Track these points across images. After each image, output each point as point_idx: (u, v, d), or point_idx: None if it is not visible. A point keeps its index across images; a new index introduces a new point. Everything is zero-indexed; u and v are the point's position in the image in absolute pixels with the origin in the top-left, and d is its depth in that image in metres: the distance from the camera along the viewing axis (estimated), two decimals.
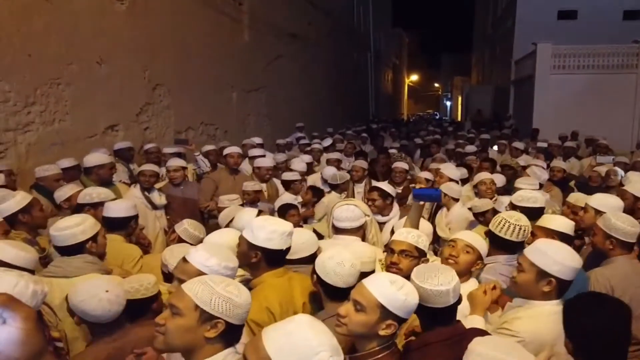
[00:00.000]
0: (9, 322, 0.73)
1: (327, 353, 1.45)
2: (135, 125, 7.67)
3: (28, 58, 5.68)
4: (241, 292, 1.75)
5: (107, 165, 5.09)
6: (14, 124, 5.56)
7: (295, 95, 14.82)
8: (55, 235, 2.94)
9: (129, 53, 7.44)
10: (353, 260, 2.48)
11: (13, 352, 0.72)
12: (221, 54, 10.31)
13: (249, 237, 2.59)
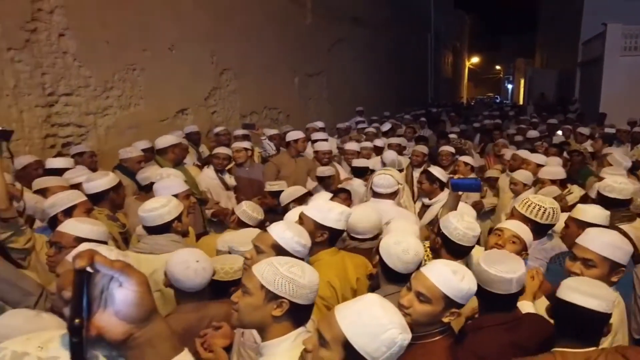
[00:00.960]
0: (125, 286, 0.80)
1: (396, 330, 1.49)
2: (204, 109, 7.87)
3: (107, 45, 5.92)
4: (305, 273, 1.79)
5: (181, 145, 5.24)
6: (94, 107, 5.83)
7: (355, 79, 14.73)
8: (144, 216, 3.08)
9: (198, 40, 7.62)
10: (418, 248, 2.49)
11: (128, 312, 0.80)
12: (285, 38, 10.36)
13: (318, 217, 2.69)
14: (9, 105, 4.83)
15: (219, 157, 5.43)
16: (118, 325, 0.80)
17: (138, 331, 0.81)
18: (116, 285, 0.80)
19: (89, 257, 0.78)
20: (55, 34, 5.28)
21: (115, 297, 0.80)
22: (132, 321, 0.81)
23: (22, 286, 2.43)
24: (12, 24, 4.83)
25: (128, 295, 0.80)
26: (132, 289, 0.80)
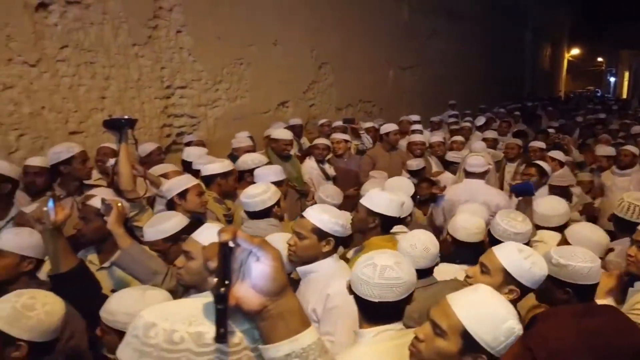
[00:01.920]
0: (262, 260, 0.83)
1: (514, 321, 1.53)
2: (302, 102, 8.01)
3: (218, 41, 6.17)
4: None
5: (288, 139, 5.37)
6: (205, 100, 6.11)
7: (449, 73, 14.34)
8: (247, 202, 3.23)
9: (300, 34, 7.75)
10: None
11: (264, 285, 0.83)
12: (381, 32, 10.28)
13: (368, 204, 2.85)
14: (132, 97, 5.17)
15: (318, 147, 5.57)
16: (254, 297, 0.84)
17: (271, 304, 0.85)
18: (254, 259, 0.84)
19: (233, 232, 0.82)
20: (174, 31, 5.58)
21: (252, 271, 0.84)
22: (266, 294, 0.84)
23: (150, 265, 2.58)
24: (136, 22, 5.15)
25: (265, 270, 0.83)
26: (269, 264, 0.84)
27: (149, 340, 0.86)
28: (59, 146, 3.83)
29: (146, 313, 0.90)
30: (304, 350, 0.85)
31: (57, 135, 4.46)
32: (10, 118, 4.15)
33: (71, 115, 4.60)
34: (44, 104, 4.37)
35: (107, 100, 4.91)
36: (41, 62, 4.32)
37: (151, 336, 0.86)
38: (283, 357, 0.85)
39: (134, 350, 0.86)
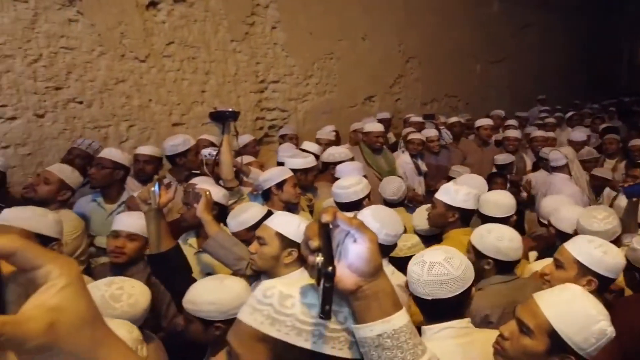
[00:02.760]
0: (359, 242, 0.84)
1: (606, 322, 1.46)
2: (388, 96, 7.94)
3: (309, 36, 6.25)
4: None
5: (379, 132, 5.36)
6: (295, 94, 6.22)
7: (538, 66, 13.67)
8: (339, 192, 3.26)
9: (389, 28, 7.67)
10: None
11: (360, 266, 0.84)
12: (469, 25, 9.97)
13: (446, 199, 2.89)
14: (229, 91, 5.36)
15: (414, 142, 5.53)
16: (350, 277, 0.85)
17: (366, 284, 0.85)
18: (351, 240, 0.85)
19: (333, 213, 0.84)
20: (269, 27, 5.71)
21: (349, 251, 0.85)
22: (362, 274, 0.85)
23: (236, 251, 2.66)
24: (235, 19, 5.32)
25: (361, 251, 0.84)
26: (365, 246, 0.84)
27: (285, 310, 0.90)
28: (176, 139, 4.01)
29: (279, 285, 0.94)
30: (396, 332, 0.86)
31: (162, 126, 4.70)
32: (122, 110, 4.43)
33: (174, 108, 4.84)
34: (151, 97, 4.63)
35: (207, 93, 5.11)
36: (150, 58, 4.57)
37: (287, 306, 0.90)
38: (375, 337, 0.85)
39: (266, 317, 0.90)
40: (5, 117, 3.72)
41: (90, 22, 4.13)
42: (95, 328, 0.49)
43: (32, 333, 0.45)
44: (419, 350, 0.87)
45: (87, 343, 0.48)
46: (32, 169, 3.89)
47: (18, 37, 3.74)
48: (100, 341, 0.50)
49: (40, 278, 0.48)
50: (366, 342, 0.86)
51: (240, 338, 0.92)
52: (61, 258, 0.50)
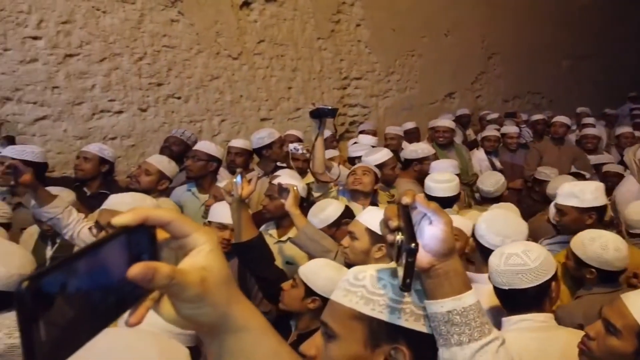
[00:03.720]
0: (434, 224, 0.89)
1: None
2: (469, 93, 7.76)
3: (392, 33, 6.21)
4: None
5: (445, 127, 5.28)
6: (377, 90, 6.21)
7: (630, 62, 12.81)
8: (435, 187, 3.25)
9: (472, 24, 7.49)
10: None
11: (435, 246, 0.88)
12: (555, 21, 9.50)
13: (576, 203, 2.70)
14: (314, 88, 5.44)
15: (490, 139, 5.40)
16: (424, 256, 0.89)
17: (439, 264, 0.89)
18: (427, 222, 0.90)
19: (413, 196, 0.89)
20: (353, 25, 5.74)
21: (425, 232, 0.89)
22: (435, 254, 0.89)
23: (323, 243, 2.71)
24: (321, 17, 5.38)
25: (436, 232, 0.88)
26: (441, 227, 0.88)
27: (378, 290, 0.97)
28: (262, 131, 4.15)
29: (369, 269, 1.02)
30: (465, 310, 0.90)
31: (251, 121, 4.86)
32: (215, 105, 4.61)
33: (263, 104, 4.98)
34: (242, 93, 4.79)
35: (293, 90, 5.22)
36: (242, 55, 4.73)
37: (379, 287, 0.97)
38: (445, 313, 0.90)
39: (360, 297, 0.97)
40: (113, 111, 3.99)
41: (190, 22, 4.33)
42: (230, 287, 0.57)
43: (191, 284, 0.52)
44: (485, 329, 0.91)
45: (225, 298, 0.56)
46: (135, 159, 4.15)
47: (126, 36, 3.99)
48: (234, 298, 0.57)
49: (189, 244, 0.55)
50: (436, 317, 0.91)
51: (337, 318, 0.98)
52: (204, 228, 0.57)
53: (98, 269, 0.47)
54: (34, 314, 0.41)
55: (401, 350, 0.94)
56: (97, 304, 0.47)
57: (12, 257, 1.77)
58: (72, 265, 0.45)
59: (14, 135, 3.44)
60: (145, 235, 0.53)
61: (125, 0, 3.96)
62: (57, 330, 0.43)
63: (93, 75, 3.84)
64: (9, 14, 3.45)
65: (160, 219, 0.53)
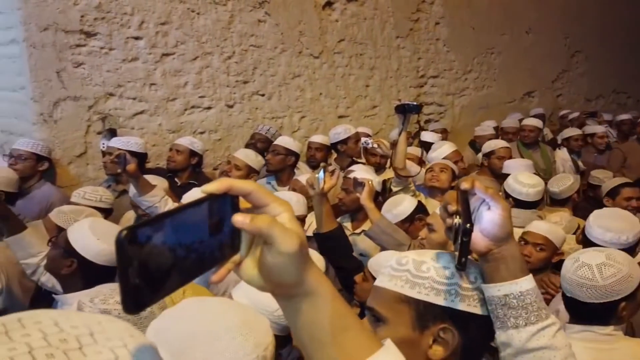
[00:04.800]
0: (492, 209, 0.91)
1: None
2: (549, 92, 7.44)
3: (472, 31, 6.07)
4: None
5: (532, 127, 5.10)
6: (453, 89, 6.10)
7: None
8: (517, 189, 3.18)
9: (555, 21, 7.17)
10: None
11: (492, 231, 0.90)
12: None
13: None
14: (390, 86, 5.43)
15: (575, 138, 5.24)
16: (482, 240, 0.91)
17: (496, 248, 0.91)
18: (485, 208, 0.92)
19: (472, 182, 0.91)
20: (432, 23, 5.66)
21: (483, 217, 0.91)
22: (493, 239, 0.91)
23: (396, 237, 2.71)
24: (401, 16, 5.35)
25: (494, 217, 0.90)
26: (498, 213, 0.90)
27: (422, 273, 0.98)
28: (339, 127, 4.22)
29: (411, 254, 1.03)
30: (522, 294, 0.91)
31: (329, 118, 4.93)
32: (295, 102, 4.72)
33: (341, 101, 5.03)
34: (321, 91, 4.86)
35: (370, 88, 5.24)
36: (322, 54, 4.80)
37: (423, 270, 0.98)
38: (502, 296, 0.91)
39: (405, 281, 0.99)
40: (202, 106, 4.18)
41: (276, 22, 4.45)
42: (307, 253, 0.60)
43: (293, 240, 0.56)
44: (542, 314, 0.91)
45: (306, 261, 0.59)
46: (221, 152, 4.33)
47: (217, 36, 4.16)
48: (309, 264, 0.60)
49: (270, 212, 0.58)
50: (493, 301, 0.93)
51: (383, 302, 1.00)
52: (280, 198, 0.60)
53: (183, 228, 0.52)
54: (130, 259, 0.48)
55: (450, 330, 0.96)
56: (181, 259, 0.52)
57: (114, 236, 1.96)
58: (162, 221, 0.51)
59: (115, 128, 3.69)
60: (229, 203, 0.57)
61: (218, 2, 4.12)
62: (147, 276, 0.49)
63: (186, 73, 4.04)
64: (114, 16, 3.69)
65: (242, 189, 0.57)
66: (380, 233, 2.75)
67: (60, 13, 3.46)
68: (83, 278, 1.87)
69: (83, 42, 3.58)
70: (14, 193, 3.01)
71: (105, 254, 1.87)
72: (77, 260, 1.88)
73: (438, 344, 0.96)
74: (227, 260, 0.57)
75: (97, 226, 1.97)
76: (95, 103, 3.67)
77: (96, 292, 1.54)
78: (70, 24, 3.51)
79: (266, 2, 4.39)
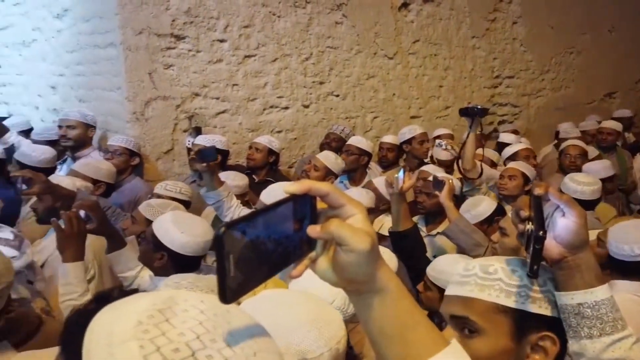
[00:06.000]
0: (567, 216, 0.87)
1: None
2: (633, 92, 7.00)
3: (551, 30, 5.82)
4: None
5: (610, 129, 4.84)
6: (529, 89, 5.88)
7: None
8: (571, 187, 3.10)
9: (639, 19, 6.72)
10: None
11: (566, 238, 0.87)
12: None
13: None
14: (464, 86, 5.30)
15: None
16: (556, 247, 0.88)
17: (570, 256, 0.88)
18: (559, 214, 0.88)
19: (546, 187, 0.88)
20: (510, 22, 5.47)
21: (557, 224, 0.88)
22: (567, 246, 0.87)
23: (474, 237, 2.64)
24: (477, 16, 5.21)
25: (569, 224, 0.87)
26: (573, 220, 0.87)
27: (490, 275, 0.96)
28: (405, 128, 4.19)
29: (475, 261, 1.02)
30: (597, 304, 0.87)
31: (401, 118, 4.88)
32: (369, 103, 4.71)
33: (413, 102, 4.97)
34: (394, 91, 4.82)
35: (443, 88, 5.14)
36: (397, 55, 4.76)
37: (491, 272, 0.96)
38: (575, 305, 0.88)
39: (474, 284, 0.97)
40: (280, 106, 4.26)
41: (352, 23, 4.46)
42: (378, 252, 0.61)
43: (365, 239, 0.57)
44: (619, 325, 0.87)
45: (376, 259, 0.61)
46: (296, 151, 4.40)
47: (296, 38, 4.22)
48: (380, 262, 0.62)
49: (343, 213, 0.59)
50: (566, 309, 0.89)
51: (479, 313, 0.96)
52: (354, 200, 0.61)
53: (271, 224, 0.55)
54: (227, 253, 0.51)
55: (550, 338, 0.93)
56: (269, 253, 0.55)
57: (197, 228, 2.04)
58: (256, 218, 0.54)
59: (201, 127, 3.83)
60: (308, 203, 0.59)
61: (297, 5, 4.18)
62: (241, 268, 0.53)
63: (266, 74, 4.12)
64: (202, 20, 3.83)
65: (320, 190, 0.59)
66: (458, 232, 2.71)
67: (154, 18, 3.63)
68: (174, 268, 1.97)
69: (173, 45, 3.73)
70: (111, 185, 3.19)
71: (189, 245, 1.97)
72: (167, 253, 1.97)
73: (536, 353, 0.94)
74: (305, 256, 0.60)
75: (180, 220, 2.06)
76: (182, 102, 3.83)
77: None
78: (162, 27, 3.67)
79: (344, 4, 4.40)
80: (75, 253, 1.95)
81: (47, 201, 2.38)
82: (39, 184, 2.28)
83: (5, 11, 4.96)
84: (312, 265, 0.61)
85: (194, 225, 2.07)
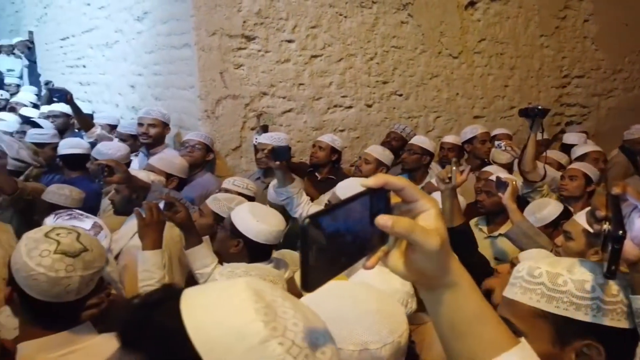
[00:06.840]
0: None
1: None
2: None
3: (625, 28, 5.51)
4: None
5: None
6: (600, 89, 5.60)
7: None
8: None
9: None
10: None
11: None
12: None
13: None
14: (531, 86, 5.11)
15: None
16: (633, 249, 0.85)
17: None
18: (637, 215, 0.84)
19: (623, 187, 0.84)
20: (581, 20, 5.23)
21: (635, 224, 0.84)
22: None
23: (537, 240, 2.54)
24: (547, 14, 5.01)
25: None
26: None
27: (534, 279, 0.93)
28: (468, 127, 4.11)
29: (543, 265, 0.97)
30: None
31: (464, 118, 4.78)
32: (432, 102, 4.64)
33: (477, 101, 4.86)
34: (458, 91, 4.73)
35: (509, 88, 4.98)
36: (462, 54, 4.66)
37: (536, 275, 0.93)
38: None
39: (540, 295, 0.93)
40: (344, 105, 4.28)
41: (417, 23, 4.40)
42: (449, 247, 0.61)
43: (434, 238, 0.57)
44: None
45: (447, 255, 0.60)
46: (358, 149, 4.40)
47: (361, 38, 4.22)
48: (450, 256, 0.61)
49: (417, 208, 0.59)
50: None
51: (520, 316, 0.94)
52: (428, 195, 0.61)
53: (348, 217, 0.56)
54: (311, 244, 0.53)
55: (595, 347, 0.89)
56: (347, 245, 0.56)
57: (271, 218, 2.14)
58: (337, 211, 0.56)
59: (268, 125, 3.91)
60: (383, 197, 0.60)
61: (364, 5, 4.17)
62: (322, 258, 0.54)
63: (331, 74, 4.15)
64: (271, 21, 3.90)
65: (395, 184, 0.59)
66: (520, 235, 2.64)
67: (226, 19, 3.73)
68: (248, 255, 2.08)
69: (244, 46, 3.83)
70: (184, 180, 3.32)
71: (264, 233, 2.06)
72: (243, 240, 2.07)
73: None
74: (378, 249, 0.60)
75: (256, 210, 2.17)
76: (250, 101, 3.92)
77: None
78: (233, 29, 3.77)
79: (410, 3, 4.35)
80: (154, 241, 2.03)
81: (124, 192, 2.52)
82: (119, 173, 2.38)
83: (91, 14, 5.26)
84: (384, 258, 0.61)
85: (269, 216, 2.18)
